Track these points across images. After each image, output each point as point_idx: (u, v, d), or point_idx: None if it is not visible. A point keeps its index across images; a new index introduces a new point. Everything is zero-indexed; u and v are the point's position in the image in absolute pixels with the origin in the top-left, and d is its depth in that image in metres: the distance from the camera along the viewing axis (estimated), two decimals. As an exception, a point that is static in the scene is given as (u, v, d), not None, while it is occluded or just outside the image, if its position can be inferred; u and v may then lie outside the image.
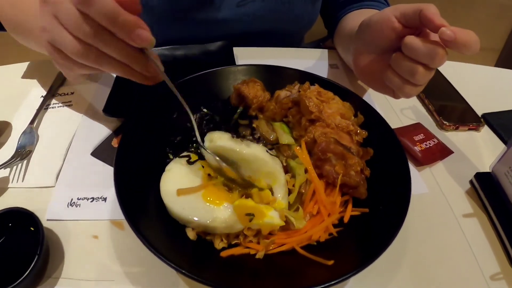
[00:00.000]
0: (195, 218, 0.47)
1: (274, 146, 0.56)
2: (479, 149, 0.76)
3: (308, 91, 0.56)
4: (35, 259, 0.49)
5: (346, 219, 0.49)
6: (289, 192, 0.50)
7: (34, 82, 0.84)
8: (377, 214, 0.50)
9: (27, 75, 0.87)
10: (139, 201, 0.50)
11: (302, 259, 0.46)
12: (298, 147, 0.54)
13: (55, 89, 0.81)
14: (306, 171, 0.52)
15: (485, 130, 0.80)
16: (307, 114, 0.54)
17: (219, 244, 0.47)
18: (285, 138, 0.56)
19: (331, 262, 0.43)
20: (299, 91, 0.58)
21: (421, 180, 0.67)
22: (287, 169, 0.54)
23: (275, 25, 0.92)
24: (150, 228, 0.46)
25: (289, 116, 0.58)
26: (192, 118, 0.53)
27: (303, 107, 0.54)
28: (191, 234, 0.48)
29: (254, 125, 0.59)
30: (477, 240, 0.58)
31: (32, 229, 0.54)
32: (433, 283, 0.52)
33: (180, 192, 0.48)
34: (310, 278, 0.43)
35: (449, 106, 0.85)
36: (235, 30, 0.92)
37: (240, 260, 0.46)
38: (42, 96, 0.80)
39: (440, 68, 0.92)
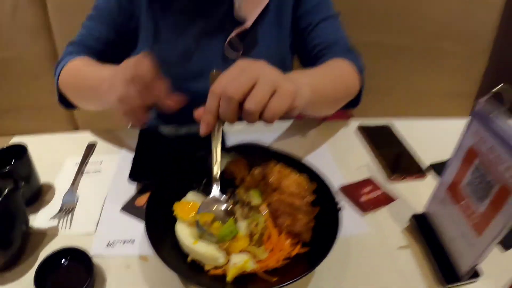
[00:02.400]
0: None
1: (248, 206, 0.78)
2: (422, 195, 0.86)
3: (273, 169, 0.79)
4: (87, 282, 0.66)
5: (292, 254, 0.72)
6: (253, 234, 0.73)
7: (71, 150, 1.07)
8: (316, 251, 0.71)
9: (65, 144, 1.12)
10: (164, 241, 0.72)
11: (261, 279, 0.68)
12: (263, 207, 0.77)
13: (87, 158, 1.04)
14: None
15: (429, 178, 0.96)
16: (270, 185, 0.78)
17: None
18: (256, 200, 0.78)
19: (274, 279, 0.66)
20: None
21: (363, 222, 0.85)
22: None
23: None
24: (173, 259, 0.69)
25: (260, 185, 0.80)
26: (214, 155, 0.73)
27: (267, 180, 0.78)
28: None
29: (236, 192, 0.82)
30: (410, 268, 0.76)
31: (80, 264, 0.72)
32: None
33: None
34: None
35: (397, 160, 1.01)
36: None
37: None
38: (76, 163, 1.01)
39: (397, 125, 1.16)
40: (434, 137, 1.10)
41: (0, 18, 1.77)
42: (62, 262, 0.73)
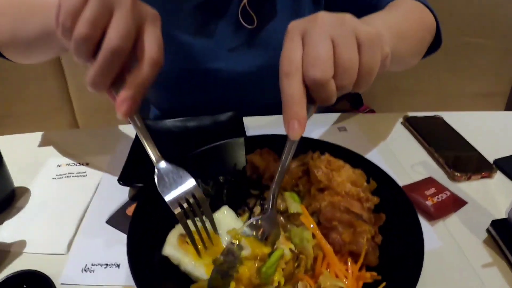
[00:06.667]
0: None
1: (283, 215, 0.58)
2: (494, 196, 0.78)
3: (318, 161, 0.59)
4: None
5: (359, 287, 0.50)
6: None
7: (51, 151, 0.94)
8: (390, 280, 0.51)
9: (43, 144, 0.99)
10: (152, 268, 0.54)
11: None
12: (303, 216, 0.56)
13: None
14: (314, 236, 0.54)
15: (499, 176, 0.84)
16: (316, 184, 0.57)
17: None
18: (294, 207, 0.57)
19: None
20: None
21: (434, 235, 0.69)
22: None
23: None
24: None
25: (299, 185, 0.61)
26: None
27: (312, 177, 0.58)
28: None
29: (264, 195, 0.61)
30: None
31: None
32: None
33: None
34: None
35: (459, 156, 0.90)
36: (241, 89, 1.04)
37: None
38: (58, 165, 0.89)
39: (448, 119, 1.02)
40: (489, 131, 1.00)
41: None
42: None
